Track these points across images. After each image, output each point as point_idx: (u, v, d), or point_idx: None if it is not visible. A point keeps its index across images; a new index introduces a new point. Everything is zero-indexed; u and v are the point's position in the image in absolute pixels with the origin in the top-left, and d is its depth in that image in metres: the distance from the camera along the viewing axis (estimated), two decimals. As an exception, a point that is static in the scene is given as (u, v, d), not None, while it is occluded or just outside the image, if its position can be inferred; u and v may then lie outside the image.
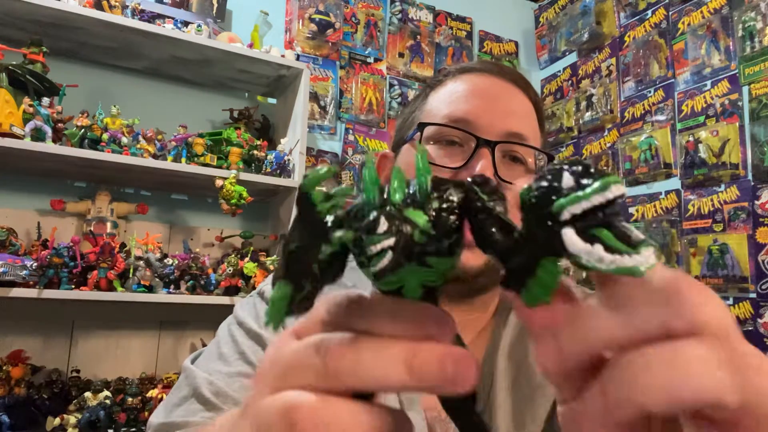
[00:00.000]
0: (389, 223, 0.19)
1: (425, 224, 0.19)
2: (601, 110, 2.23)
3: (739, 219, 1.72)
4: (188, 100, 1.92)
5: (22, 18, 1.54)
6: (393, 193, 0.21)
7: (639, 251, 0.17)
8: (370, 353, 0.20)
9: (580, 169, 0.18)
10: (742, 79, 1.77)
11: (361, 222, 0.20)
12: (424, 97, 0.68)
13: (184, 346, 1.80)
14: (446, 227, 0.20)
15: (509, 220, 0.20)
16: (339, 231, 0.20)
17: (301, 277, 0.20)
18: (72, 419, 1.39)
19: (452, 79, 0.66)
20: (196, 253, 1.66)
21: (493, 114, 0.60)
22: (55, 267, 1.41)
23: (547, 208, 0.18)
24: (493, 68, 0.66)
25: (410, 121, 0.68)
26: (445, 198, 0.21)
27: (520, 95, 0.64)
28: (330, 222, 0.20)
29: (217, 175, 1.60)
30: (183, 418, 0.53)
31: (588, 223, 0.18)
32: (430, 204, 0.20)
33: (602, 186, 0.17)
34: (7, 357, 1.46)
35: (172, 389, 0.59)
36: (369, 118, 2.24)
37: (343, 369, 0.20)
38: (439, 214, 0.20)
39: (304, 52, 2.15)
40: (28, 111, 1.42)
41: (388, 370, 0.20)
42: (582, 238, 0.17)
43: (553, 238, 0.18)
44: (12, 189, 1.64)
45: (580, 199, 0.17)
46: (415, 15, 2.43)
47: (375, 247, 0.19)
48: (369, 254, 0.19)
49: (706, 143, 1.82)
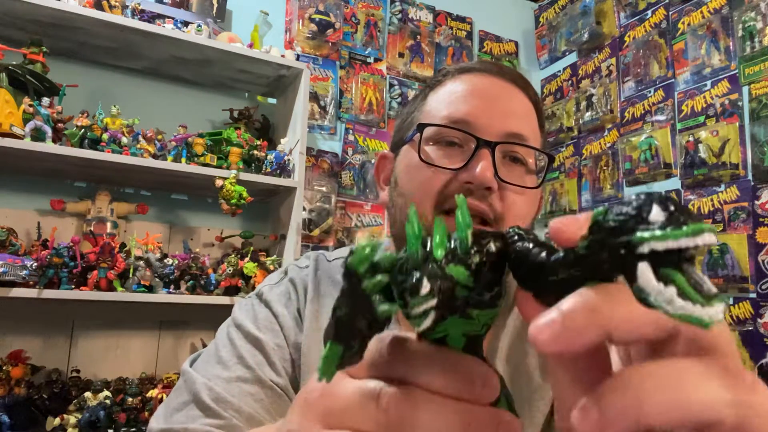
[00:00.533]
0: (431, 284, 0.20)
1: (467, 279, 0.21)
2: (601, 110, 2.23)
3: (739, 219, 1.72)
4: (188, 100, 1.92)
5: (22, 18, 1.54)
6: (435, 249, 0.21)
7: (712, 304, 0.16)
8: (428, 414, 0.22)
9: (673, 207, 0.17)
10: (742, 79, 1.77)
11: (405, 281, 0.21)
12: (423, 98, 0.67)
13: (184, 346, 1.80)
14: (487, 280, 0.21)
15: (553, 260, 0.20)
16: (384, 305, 0.21)
17: (350, 339, 0.23)
18: (72, 419, 1.39)
19: (451, 79, 0.65)
20: (196, 253, 1.66)
21: (492, 114, 0.60)
22: (55, 267, 1.41)
23: (626, 237, 0.17)
24: (492, 68, 0.65)
25: (409, 122, 0.67)
26: (485, 251, 0.22)
27: (519, 95, 0.64)
28: (376, 299, 0.22)
29: (217, 175, 1.60)
30: (183, 425, 0.53)
31: (665, 262, 0.17)
32: (470, 259, 0.21)
33: (695, 231, 0.16)
34: (7, 357, 1.46)
35: (171, 392, 0.58)
36: (369, 118, 2.24)
37: (403, 423, 0.22)
38: (479, 269, 0.21)
39: (304, 52, 2.15)
40: (28, 111, 1.42)
41: (445, 431, 0.22)
42: (655, 276, 0.17)
43: (619, 267, 0.18)
44: (12, 189, 1.64)
45: (668, 238, 0.16)
46: (415, 15, 2.43)
47: (419, 308, 0.20)
48: (414, 315, 0.20)
49: (706, 143, 1.82)
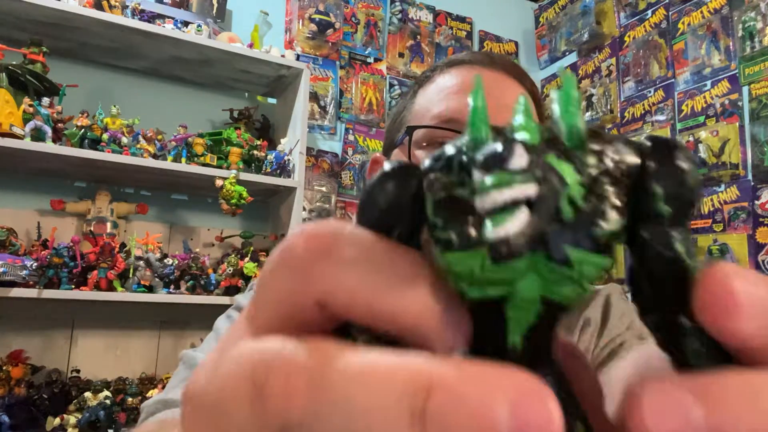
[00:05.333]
0: (531, 161, 0.12)
1: (577, 187, 0.12)
2: (601, 110, 2.23)
3: (739, 219, 1.72)
4: (188, 100, 1.92)
5: (22, 18, 1.54)
6: (520, 129, 0.12)
7: None
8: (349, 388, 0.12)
9: None
10: (742, 79, 1.77)
11: (471, 157, 0.12)
12: (412, 95, 0.63)
13: (184, 346, 1.80)
14: (611, 203, 0.12)
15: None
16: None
17: None
18: (72, 419, 1.39)
19: (440, 74, 0.61)
20: (196, 253, 1.66)
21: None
22: (55, 267, 1.41)
23: None
24: (483, 59, 0.61)
25: (399, 122, 0.63)
26: (613, 158, 0.12)
27: (514, 86, 0.59)
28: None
29: (217, 175, 1.60)
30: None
31: None
32: (585, 157, 0.12)
33: None
34: (7, 357, 1.46)
35: (171, 377, 0.57)
36: (369, 118, 2.24)
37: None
38: (597, 179, 0.12)
39: (304, 52, 2.15)
40: (28, 111, 1.42)
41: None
42: None
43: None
44: (12, 189, 1.64)
45: None
46: (415, 15, 2.43)
47: (502, 192, 0.11)
48: (490, 207, 0.11)
49: (706, 143, 1.82)
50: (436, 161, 0.13)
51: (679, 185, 0.12)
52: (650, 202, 0.12)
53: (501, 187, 0.11)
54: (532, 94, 0.61)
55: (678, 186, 0.12)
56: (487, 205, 0.11)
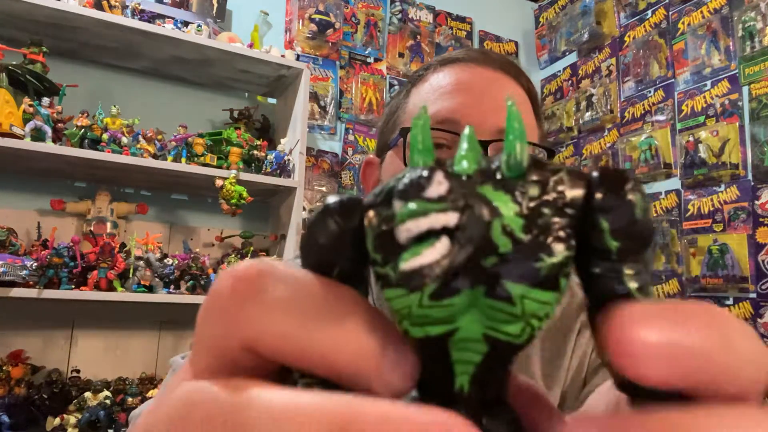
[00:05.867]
0: (451, 189, 0.11)
1: (514, 218, 0.11)
2: (601, 110, 2.23)
3: (739, 219, 1.72)
4: (188, 100, 1.92)
5: (22, 18, 1.54)
6: (459, 160, 0.12)
7: None
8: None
9: None
10: (742, 79, 1.77)
11: (396, 188, 0.12)
12: (405, 94, 0.61)
13: (184, 346, 1.80)
14: (553, 234, 0.11)
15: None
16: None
17: None
18: (72, 419, 1.39)
19: (434, 72, 0.58)
20: (196, 253, 1.66)
21: (481, 110, 0.53)
22: (55, 267, 1.41)
23: None
24: (478, 56, 0.58)
25: (392, 123, 0.61)
26: (556, 188, 0.12)
27: (510, 84, 0.57)
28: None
29: (217, 175, 1.60)
30: None
31: None
32: (525, 187, 0.11)
33: None
34: (7, 357, 1.46)
35: (160, 388, 0.57)
36: (369, 118, 2.24)
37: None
38: (538, 210, 0.11)
39: (304, 52, 2.15)
40: (28, 111, 1.42)
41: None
42: None
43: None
44: (12, 189, 1.64)
45: None
46: (415, 15, 2.43)
47: (418, 222, 0.11)
48: (405, 238, 0.11)
49: (706, 143, 1.82)
50: (377, 195, 0.12)
51: (627, 219, 0.12)
52: (598, 236, 0.12)
53: (416, 216, 0.11)
54: (529, 92, 0.59)
55: (625, 220, 0.12)
56: (403, 236, 0.11)
